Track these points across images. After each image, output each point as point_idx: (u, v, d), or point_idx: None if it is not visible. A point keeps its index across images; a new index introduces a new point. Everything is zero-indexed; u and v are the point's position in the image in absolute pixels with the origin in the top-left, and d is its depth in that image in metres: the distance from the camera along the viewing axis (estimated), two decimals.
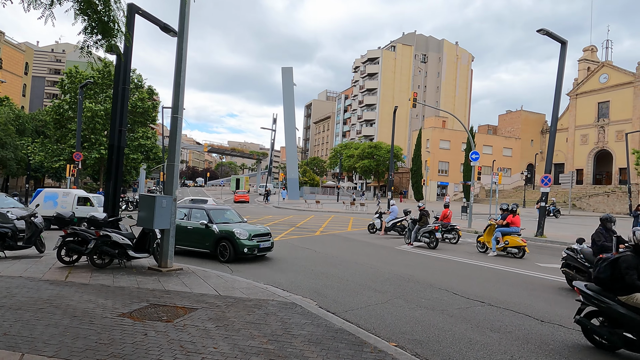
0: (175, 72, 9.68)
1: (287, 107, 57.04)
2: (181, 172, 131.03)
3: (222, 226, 11.57)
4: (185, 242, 11.95)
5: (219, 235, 11.32)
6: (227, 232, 11.24)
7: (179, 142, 9.67)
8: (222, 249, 11.26)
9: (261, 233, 11.75)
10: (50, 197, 19.06)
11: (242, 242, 11.03)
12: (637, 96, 55.78)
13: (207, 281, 8.42)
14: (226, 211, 13.10)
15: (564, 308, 7.48)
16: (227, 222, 12.10)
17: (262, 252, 11.65)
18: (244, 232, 11.23)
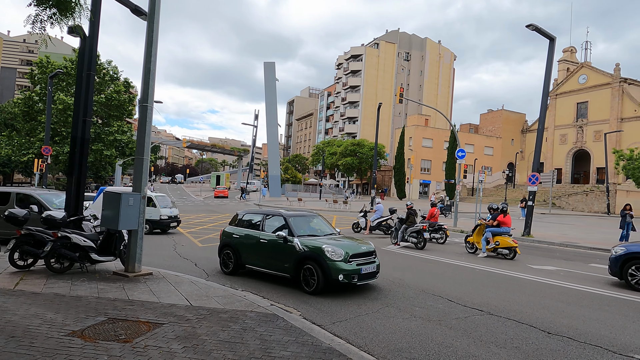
0: (144, 57, 8.75)
1: (269, 102, 55.95)
2: (160, 168, 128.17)
3: (307, 240, 8.24)
4: (258, 260, 9.01)
5: (302, 254, 8.02)
6: (314, 249, 7.91)
7: (148, 134, 8.76)
8: (307, 274, 7.95)
9: (363, 252, 8.19)
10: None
11: (336, 266, 7.64)
12: (615, 97, 56.74)
13: (178, 288, 7.57)
14: (312, 218, 9.62)
15: (568, 317, 6.92)
16: (313, 235, 8.75)
17: (365, 279, 8.06)
18: (338, 250, 7.82)
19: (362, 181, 74.92)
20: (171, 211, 16.94)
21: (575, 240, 18.00)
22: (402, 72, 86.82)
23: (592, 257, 13.95)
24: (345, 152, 68.22)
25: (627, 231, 16.95)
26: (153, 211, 16.10)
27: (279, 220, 8.99)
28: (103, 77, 38.70)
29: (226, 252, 9.63)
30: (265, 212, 9.59)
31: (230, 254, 9.52)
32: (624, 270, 9.15)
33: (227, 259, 9.62)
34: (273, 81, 55.87)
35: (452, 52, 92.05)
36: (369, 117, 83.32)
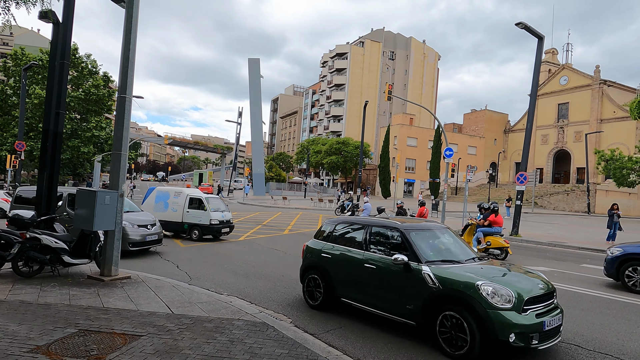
0: (123, 45, 8.15)
1: (253, 99, 55.14)
2: (141, 165, 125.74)
3: (444, 270, 5.37)
4: (361, 293, 6.23)
5: (437, 293, 5.21)
6: (459, 285, 5.07)
7: (127, 128, 8.16)
8: (449, 325, 5.06)
9: (542, 293, 5.17)
10: (161, 197, 15.32)
11: (504, 317, 4.71)
12: (595, 99, 57.80)
13: (158, 293, 7.03)
14: (440, 233, 6.54)
15: (571, 323, 6.64)
16: (449, 261, 5.77)
17: (548, 340, 4.96)
18: (504, 290, 4.87)
19: (346, 180, 74.73)
20: (223, 215, 14.71)
21: (562, 239, 17.98)
22: (387, 71, 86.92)
23: (582, 257, 13.86)
24: (330, 151, 67.89)
25: (614, 231, 16.98)
26: (203, 215, 14.26)
27: (393, 235, 6.21)
28: (81, 71, 37.40)
29: (312, 276, 7.02)
30: (369, 222, 6.69)
31: (318, 280, 6.86)
32: (621, 272, 8.97)
33: (313, 286, 6.97)
34: (258, 78, 55.08)
35: (436, 52, 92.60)
36: (354, 116, 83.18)
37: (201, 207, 14.45)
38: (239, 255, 11.98)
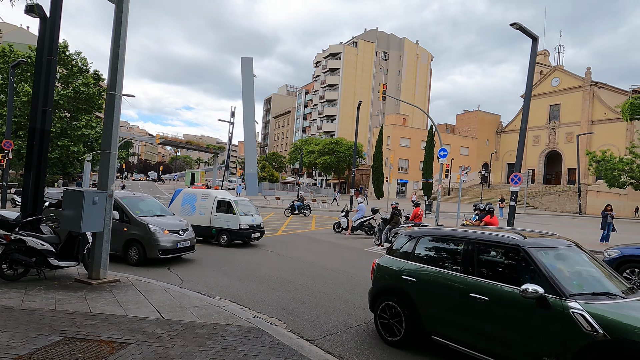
0: (113, 40, 7.90)
1: (246, 99, 54.78)
2: (132, 165, 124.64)
3: (605, 309, 3.80)
4: (465, 332, 4.67)
5: (605, 344, 3.59)
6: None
7: (116, 126, 7.91)
8: None
9: None
10: (188, 200, 14.49)
11: None
12: (586, 100, 58.27)
13: (148, 297, 6.79)
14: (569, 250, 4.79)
15: None
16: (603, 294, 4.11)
17: None
18: None
19: (339, 180, 74.62)
20: (253, 219, 13.82)
21: None
22: (380, 71, 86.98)
23: None
24: (323, 151, 67.74)
25: (607, 232, 17.00)
26: (232, 219, 13.38)
27: (509, 255, 4.65)
28: (71, 69, 36.77)
29: (388, 304, 5.53)
30: (471, 236, 5.03)
31: (397, 310, 5.38)
32: (619, 274, 8.88)
33: (390, 317, 5.47)
34: (251, 77, 54.74)
35: (429, 52, 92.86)
36: (347, 116, 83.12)
37: (230, 211, 13.52)
38: (232, 256, 11.76)
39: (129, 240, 10.23)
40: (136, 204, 10.95)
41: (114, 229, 8.74)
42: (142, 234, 10.07)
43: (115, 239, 9.64)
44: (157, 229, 10.13)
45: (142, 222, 10.22)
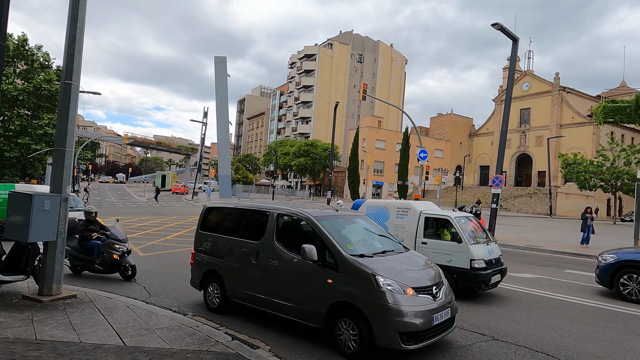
0: (69, 22, 6.92)
1: (219, 99, 53.37)
2: (100, 167, 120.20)
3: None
4: None
5: None
6: None
7: (72, 120, 6.93)
8: None
9: None
10: (375, 217, 8.77)
11: None
12: (555, 104, 59.85)
13: (109, 317, 5.86)
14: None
15: (581, 340, 6.02)
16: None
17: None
18: None
19: (315, 182, 73.97)
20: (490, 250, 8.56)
21: (537, 243, 17.86)
22: (356, 73, 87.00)
23: (563, 262, 13.60)
24: (299, 153, 66.91)
25: (587, 234, 16.98)
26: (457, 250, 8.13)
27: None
28: (31, 64, 34.66)
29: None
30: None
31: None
32: (615, 280, 8.54)
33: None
34: (224, 77, 53.40)
35: (403, 56, 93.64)
36: (322, 118, 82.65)
37: (452, 237, 8.30)
38: None
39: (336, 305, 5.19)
40: (342, 230, 5.93)
41: (310, 279, 5.40)
42: (362, 294, 4.95)
43: (313, 298, 5.36)
44: (392, 284, 4.92)
45: (361, 267, 5.07)
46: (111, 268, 8.83)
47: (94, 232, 9.16)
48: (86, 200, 36.21)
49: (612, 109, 24.59)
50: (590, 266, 12.66)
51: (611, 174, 36.56)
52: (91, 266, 8.96)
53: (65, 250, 7.29)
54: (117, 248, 8.74)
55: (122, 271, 8.88)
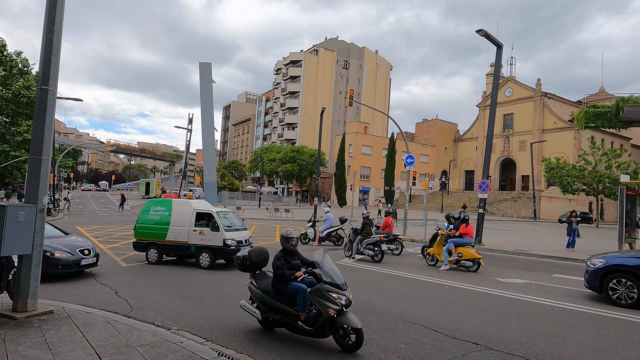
0: (46, 25, 6.66)
1: (204, 105, 52.85)
2: (82, 174, 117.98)
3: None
4: None
5: None
6: None
7: (49, 127, 6.64)
8: None
9: None
10: None
11: None
12: (537, 110, 60.91)
13: (87, 334, 5.56)
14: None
15: (575, 347, 5.94)
16: None
17: None
18: None
19: (302, 188, 73.72)
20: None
21: (524, 247, 17.94)
22: (341, 79, 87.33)
23: (550, 266, 13.65)
24: (285, 159, 66.66)
25: (573, 238, 17.13)
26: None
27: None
28: (10, 70, 33.83)
29: None
30: None
31: None
32: (604, 284, 8.53)
33: None
34: (209, 83, 52.92)
35: (388, 62, 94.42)
36: (308, 124, 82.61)
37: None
38: (190, 275, 10.54)
39: None
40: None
41: None
42: None
43: None
44: None
45: None
46: (323, 329, 5.59)
47: (298, 270, 6.01)
48: (67, 210, 35.32)
49: (593, 114, 25.02)
50: (578, 270, 12.72)
51: (593, 177, 37.22)
52: (293, 322, 5.83)
53: (256, 295, 6.14)
54: (333, 298, 5.48)
55: (340, 337, 5.54)
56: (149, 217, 12.36)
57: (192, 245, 11.67)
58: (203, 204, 12.59)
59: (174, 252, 11.99)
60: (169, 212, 12.12)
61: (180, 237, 11.78)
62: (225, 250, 11.28)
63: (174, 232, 11.88)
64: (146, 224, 12.33)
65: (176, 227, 11.89)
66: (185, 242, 11.73)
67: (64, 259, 9.50)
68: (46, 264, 8.70)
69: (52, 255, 9.37)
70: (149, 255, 12.14)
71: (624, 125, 25.10)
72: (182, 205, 12.23)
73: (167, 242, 11.93)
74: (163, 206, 12.35)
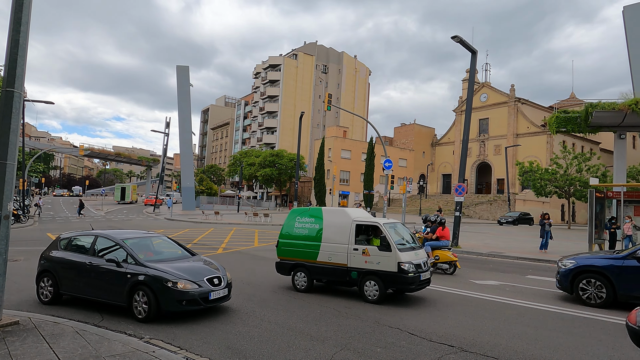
0: (12, 24, 6.43)
1: (182, 109, 52.22)
2: (54, 179, 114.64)
3: None
4: None
5: None
6: None
7: (15, 130, 6.41)
8: None
9: None
10: None
11: None
12: (511, 115, 62.43)
13: (55, 346, 5.37)
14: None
15: (547, 348, 6.07)
16: None
17: None
18: None
19: (281, 192, 73.43)
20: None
21: (499, 249, 18.29)
22: (320, 84, 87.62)
23: (524, 268, 13.95)
24: (264, 163, 66.28)
25: (546, 239, 17.57)
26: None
27: None
28: None
29: None
30: None
31: None
32: (575, 285, 8.76)
33: None
34: (187, 86, 52.35)
35: (367, 67, 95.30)
36: (287, 128, 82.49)
37: None
38: None
39: None
40: None
41: None
42: None
43: None
44: None
45: None
46: None
47: None
48: (38, 216, 34.19)
49: (564, 119, 25.79)
50: (550, 271, 13.03)
51: (564, 180, 38.37)
52: None
53: None
54: None
55: None
56: (294, 231, 9.85)
57: (354, 270, 8.84)
58: (362, 213, 9.91)
59: (328, 277, 9.31)
60: (320, 225, 9.46)
61: (336, 257, 9.04)
62: (402, 278, 8.30)
63: (327, 251, 9.19)
64: (291, 240, 9.84)
65: (330, 245, 9.18)
66: (344, 265, 8.94)
67: (190, 292, 6.96)
68: (167, 298, 6.86)
69: (175, 287, 6.89)
70: (296, 280, 9.67)
71: (592, 130, 25.95)
72: (336, 215, 9.55)
73: (319, 264, 9.28)
74: (311, 216, 9.73)
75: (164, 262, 7.54)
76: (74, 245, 8.39)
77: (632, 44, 24.49)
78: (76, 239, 8.50)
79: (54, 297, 7.98)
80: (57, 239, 8.73)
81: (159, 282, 6.91)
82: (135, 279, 7.04)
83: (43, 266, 8.28)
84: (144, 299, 6.96)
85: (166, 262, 7.58)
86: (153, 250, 8.30)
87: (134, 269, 7.19)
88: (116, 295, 7.29)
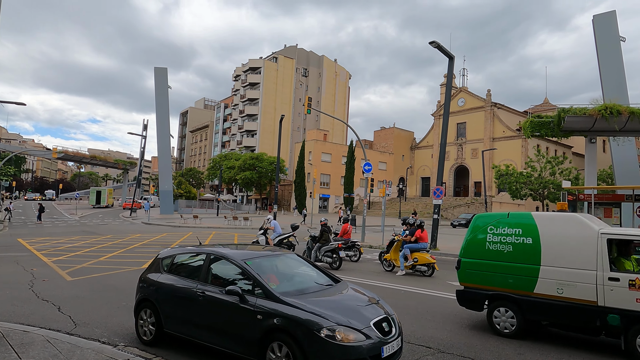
0: None
1: (160, 111, 51.41)
2: (26, 183, 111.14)
3: None
4: None
5: None
6: None
7: None
8: None
9: None
10: None
11: None
12: (487, 119, 63.85)
13: (24, 355, 5.19)
14: None
15: (523, 347, 6.19)
16: None
17: None
18: None
19: (261, 196, 73.02)
20: None
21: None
22: (301, 87, 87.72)
23: None
24: (244, 166, 65.85)
25: None
26: None
27: None
28: None
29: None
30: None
31: None
32: None
33: None
34: (165, 88, 51.61)
35: (347, 71, 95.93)
36: (268, 131, 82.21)
37: None
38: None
39: None
40: None
41: None
42: None
43: None
44: None
45: None
46: None
47: None
48: (8, 221, 33.05)
49: (537, 123, 26.43)
50: None
51: (539, 183, 39.43)
52: None
53: None
54: None
55: None
56: (487, 246, 7.07)
57: (612, 312, 5.81)
58: (601, 222, 6.87)
59: (557, 319, 6.39)
60: (534, 238, 6.58)
61: (574, 290, 6.11)
62: None
63: (553, 279, 6.30)
64: (484, 260, 7.09)
65: (558, 270, 6.28)
66: (591, 303, 5.98)
67: (355, 346, 4.36)
68: (319, 356, 4.34)
69: (333, 339, 4.35)
70: (495, 318, 6.90)
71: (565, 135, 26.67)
72: (563, 224, 6.54)
73: (540, 298, 6.40)
74: (515, 226, 6.84)
75: (304, 296, 5.01)
76: (178, 266, 6.26)
77: (601, 51, 25.35)
78: (181, 258, 6.39)
79: (157, 337, 5.98)
80: (158, 258, 6.66)
81: (305, 329, 4.42)
82: (270, 323, 4.66)
83: (143, 292, 6.28)
84: (284, 353, 4.54)
85: (308, 295, 5.04)
86: (277, 272, 5.72)
87: (266, 306, 4.80)
88: (241, 344, 4.94)
